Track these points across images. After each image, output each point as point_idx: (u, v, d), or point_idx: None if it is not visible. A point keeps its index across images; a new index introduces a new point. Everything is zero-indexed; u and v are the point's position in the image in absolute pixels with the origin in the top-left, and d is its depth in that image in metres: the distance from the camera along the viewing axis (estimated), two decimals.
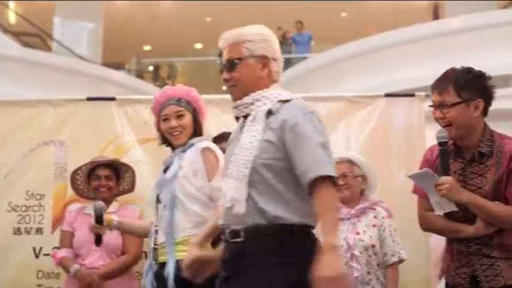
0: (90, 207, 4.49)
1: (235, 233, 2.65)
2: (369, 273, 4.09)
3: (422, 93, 4.92)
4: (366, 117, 4.98)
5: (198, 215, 3.48)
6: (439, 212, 3.42)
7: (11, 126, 5.19)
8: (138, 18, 18.48)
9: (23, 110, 5.24)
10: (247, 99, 2.74)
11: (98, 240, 4.15)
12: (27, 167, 5.07)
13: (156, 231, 3.60)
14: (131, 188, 4.78)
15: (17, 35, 15.53)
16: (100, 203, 4.07)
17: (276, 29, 16.86)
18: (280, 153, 2.62)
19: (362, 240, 4.12)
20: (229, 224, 2.69)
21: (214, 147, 3.59)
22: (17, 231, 4.97)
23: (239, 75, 2.75)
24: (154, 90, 12.82)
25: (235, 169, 2.64)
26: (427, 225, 3.60)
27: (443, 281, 3.64)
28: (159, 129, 3.79)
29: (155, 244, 3.61)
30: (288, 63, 15.86)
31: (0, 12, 16.61)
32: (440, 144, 3.36)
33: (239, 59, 2.75)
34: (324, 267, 2.39)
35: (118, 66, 16.67)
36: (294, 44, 16.24)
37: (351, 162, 4.33)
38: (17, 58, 12.03)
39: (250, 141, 2.65)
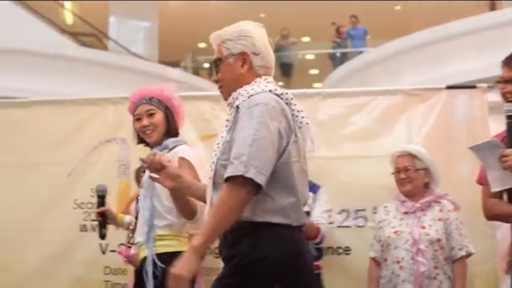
0: None
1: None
2: (435, 267, 4.03)
3: (485, 85, 4.85)
4: (427, 110, 4.92)
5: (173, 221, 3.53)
6: (497, 188, 3.33)
7: (73, 125, 5.28)
8: (192, 16, 18.59)
9: (84, 109, 5.32)
10: (229, 99, 2.74)
11: (102, 234, 4.03)
12: (91, 165, 5.15)
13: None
14: None
15: (73, 35, 15.76)
16: (102, 185, 4.01)
17: (330, 24, 16.82)
18: None
19: (428, 234, 4.07)
20: None
21: (188, 155, 3.57)
22: (83, 228, 5.06)
23: (222, 75, 2.76)
24: (211, 87, 12.92)
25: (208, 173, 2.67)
26: (491, 213, 3.55)
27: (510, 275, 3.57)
28: (134, 129, 3.80)
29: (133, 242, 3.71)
30: (344, 57, 15.79)
31: (56, 12, 16.86)
32: (508, 117, 3.27)
33: (219, 59, 2.76)
34: (177, 264, 2.43)
35: (174, 64, 16.79)
36: (349, 38, 16.16)
37: (412, 156, 4.28)
38: (75, 58, 12.22)
39: (217, 142, 2.68)
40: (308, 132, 2.69)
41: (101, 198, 4.01)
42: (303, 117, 2.69)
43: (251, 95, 2.61)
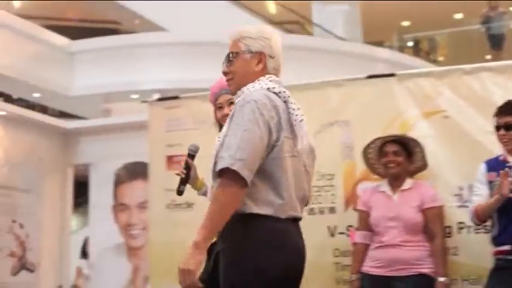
0: (384, 184, 4.54)
1: None
2: None
3: None
4: None
5: None
6: None
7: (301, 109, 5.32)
8: None
9: (305, 93, 5.33)
10: (236, 94, 2.85)
11: (180, 191, 3.78)
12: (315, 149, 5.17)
13: None
14: (424, 165, 4.67)
15: (279, 24, 16.09)
16: (195, 144, 3.87)
17: None
18: None
19: None
20: None
21: None
22: (311, 212, 5.10)
23: (235, 68, 2.86)
24: (419, 65, 12.62)
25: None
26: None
27: None
28: (216, 118, 3.84)
29: None
30: None
31: (261, 5, 17.28)
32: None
33: (236, 53, 2.86)
34: (182, 260, 2.61)
35: (377, 44, 16.60)
36: None
37: None
38: (284, 45, 12.42)
39: (219, 136, 2.77)
40: (300, 130, 2.79)
41: (191, 157, 3.89)
42: (297, 115, 2.81)
43: (251, 92, 2.75)
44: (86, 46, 10.55)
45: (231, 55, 2.90)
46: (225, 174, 2.59)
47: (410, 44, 18.56)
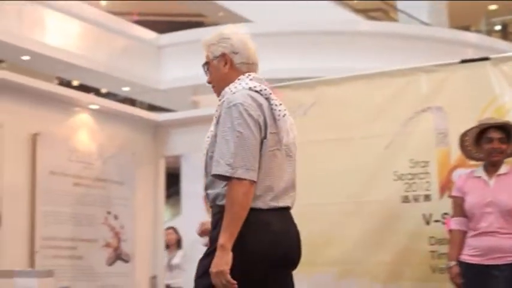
0: (479, 170, 4.46)
1: None
2: None
3: None
4: None
5: None
6: None
7: (386, 97, 5.29)
8: None
9: (395, 80, 5.31)
10: (219, 98, 2.99)
11: None
12: (407, 136, 5.14)
13: None
14: None
15: (362, 12, 15.97)
16: None
17: None
18: None
19: None
20: None
21: None
22: (405, 200, 5.06)
23: (211, 77, 3.07)
24: (509, 48, 12.30)
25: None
26: None
27: None
28: None
29: None
30: None
31: None
32: None
33: (207, 63, 3.07)
34: (212, 263, 2.75)
35: (464, 29, 16.30)
36: None
37: None
38: (368, 32, 12.33)
39: (207, 136, 2.98)
40: (284, 124, 2.93)
41: None
42: (280, 110, 2.93)
43: (233, 93, 2.89)
44: (173, 40, 10.71)
45: (205, 67, 3.11)
46: (230, 182, 2.78)
47: (498, 27, 18.13)
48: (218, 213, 2.91)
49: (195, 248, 7.30)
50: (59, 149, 6.76)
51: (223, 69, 3.04)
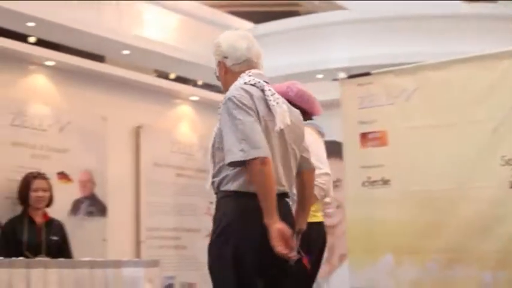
0: None
1: None
2: None
3: None
4: None
5: None
6: None
7: (492, 80, 5.11)
8: None
9: (502, 62, 5.12)
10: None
11: None
12: None
13: None
14: None
15: None
16: None
17: None
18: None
19: None
20: None
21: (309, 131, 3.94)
22: None
23: (221, 84, 3.30)
24: None
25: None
26: None
27: None
28: None
29: None
30: None
31: None
32: None
33: (215, 72, 3.30)
34: (271, 241, 2.82)
35: None
36: None
37: None
38: (469, 15, 11.94)
39: (214, 130, 3.12)
40: (279, 110, 3.07)
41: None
42: (274, 99, 3.08)
43: (228, 92, 3.09)
44: (269, 29, 10.68)
45: (215, 74, 3.32)
46: (248, 165, 2.90)
47: None
48: (222, 197, 3.06)
49: None
50: (162, 141, 6.89)
51: (222, 75, 3.27)
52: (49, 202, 5.41)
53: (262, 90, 3.10)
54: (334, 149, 6.72)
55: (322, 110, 4.38)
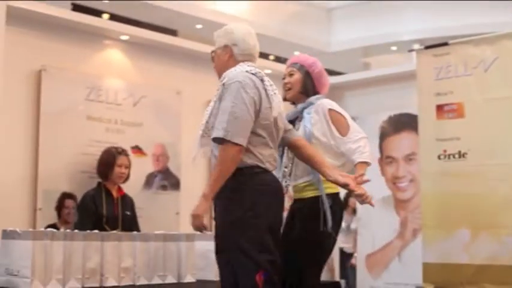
0: None
1: None
2: None
3: None
4: None
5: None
6: None
7: None
8: None
9: None
10: (221, 78, 3.44)
11: None
12: None
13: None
14: None
15: None
16: None
17: None
18: None
19: None
20: None
21: (336, 107, 4.04)
22: None
23: (215, 63, 3.61)
24: None
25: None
26: None
27: None
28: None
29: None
30: None
31: None
32: None
33: (214, 51, 3.61)
34: (194, 208, 3.26)
35: None
36: None
37: None
38: None
39: (207, 109, 3.46)
40: (276, 99, 3.43)
41: None
42: (269, 90, 3.42)
43: (233, 74, 3.37)
44: (342, 1, 10.58)
45: (212, 53, 3.61)
46: (224, 143, 3.23)
47: None
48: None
49: (369, 211, 7.22)
50: None
51: (224, 57, 3.54)
52: (127, 178, 5.49)
53: (262, 80, 3.43)
54: (408, 122, 6.62)
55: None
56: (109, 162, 5.37)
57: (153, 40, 6.47)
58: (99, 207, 5.23)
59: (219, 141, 3.25)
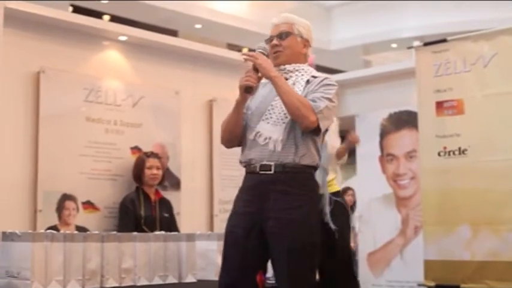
0: None
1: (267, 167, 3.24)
2: None
3: None
4: None
5: None
6: None
7: None
8: None
9: None
10: (287, 66, 3.37)
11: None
12: None
13: None
14: None
15: None
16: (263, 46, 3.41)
17: None
18: None
19: None
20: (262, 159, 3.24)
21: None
22: None
23: (287, 44, 3.40)
24: None
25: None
26: None
27: None
28: None
29: None
30: None
31: None
32: None
33: (290, 33, 3.40)
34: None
35: None
36: None
37: None
38: None
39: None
40: None
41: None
42: None
43: (317, 75, 3.34)
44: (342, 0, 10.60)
45: (284, 34, 3.38)
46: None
47: None
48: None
49: (370, 209, 7.21)
50: None
51: (302, 49, 3.41)
52: (162, 180, 5.76)
53: None
54: (409, 119, 6.61)
55: None
56: (139, 165, 5.68)
57: (152, 40, 6.46)
58: (137, 209, 5.49)
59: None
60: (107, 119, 5.97)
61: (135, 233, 4.17)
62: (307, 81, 3.29)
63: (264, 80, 3.30)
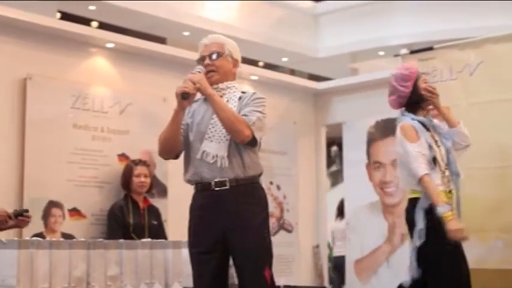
0: None
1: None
2: None
3: None
4: None
5: None
6: None
7: None
8: None
9: None
10: (219, 84, 3.62)
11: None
12: None
13: None
14: None
15: None
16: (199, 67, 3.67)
17: None
18: None
19: None
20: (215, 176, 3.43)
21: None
22: None
23: (220, 64, 3.66)
24: None
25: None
26: None
27: None
28: None
29: None
30: None
31: None
32: None
33: (222, 53, 3.67)
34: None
35: None
36: None
37: None
38: None
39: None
40: None
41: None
42: None
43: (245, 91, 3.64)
44: (329, 7, 10.59)
45: (215, 54, 3.63)
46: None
47: None
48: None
49: (357, 216, 7.22)
50: None
51: (232, 68, 3.66)
52: (150, 187, 5.77)
53: None
54: (391, 127, 6.62)
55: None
56: (127, 173, 5.71)
57: (139, 48, 6.45)
58: (126, 217, 5.53)
59: None
60: (94, 125, 5.96)
61: (121, 240, 4.17)
62: (240, 98, 3.54)
63: (199, 96, 3.59)
